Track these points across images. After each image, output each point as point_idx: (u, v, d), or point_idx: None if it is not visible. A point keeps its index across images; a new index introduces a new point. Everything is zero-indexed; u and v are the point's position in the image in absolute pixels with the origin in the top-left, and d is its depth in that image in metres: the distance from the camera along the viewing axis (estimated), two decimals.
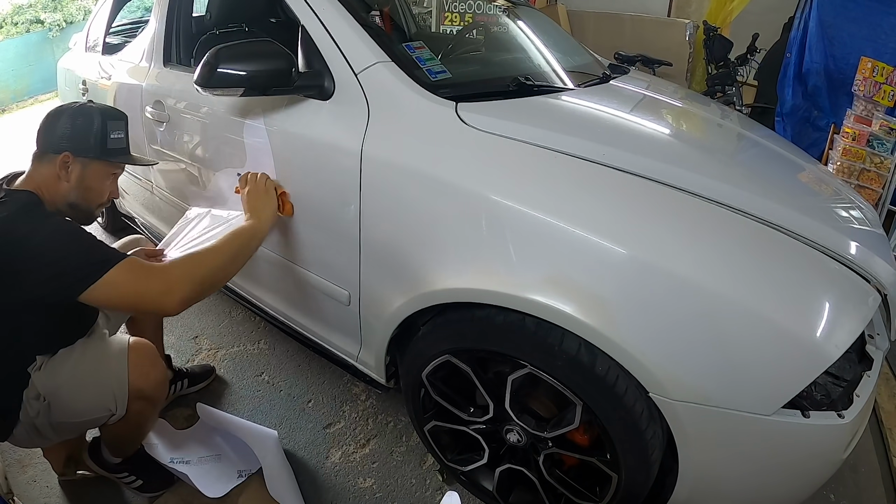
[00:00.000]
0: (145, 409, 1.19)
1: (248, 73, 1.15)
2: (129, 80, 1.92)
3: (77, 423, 1.16)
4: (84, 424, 1.19)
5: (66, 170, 1.12)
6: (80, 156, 1.14)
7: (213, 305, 2.16)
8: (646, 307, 0.88)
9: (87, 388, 1.12)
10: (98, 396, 1.11)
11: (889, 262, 1.02)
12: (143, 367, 1.15)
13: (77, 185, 1.14)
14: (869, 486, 1.44)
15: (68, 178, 1.13)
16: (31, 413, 1.10)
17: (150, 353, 1.19)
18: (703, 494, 1.01)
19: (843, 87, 2.91)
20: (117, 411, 1.13)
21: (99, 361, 1.14)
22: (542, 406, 1.12)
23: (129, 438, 1.31)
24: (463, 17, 2.76)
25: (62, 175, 1.12)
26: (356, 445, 1.52)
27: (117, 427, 1.19)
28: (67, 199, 1.15)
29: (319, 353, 1.53)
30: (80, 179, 1.14)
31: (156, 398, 1.20)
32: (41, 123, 1.15)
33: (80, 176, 1.14)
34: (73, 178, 1.13)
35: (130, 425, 1.21)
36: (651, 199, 0.97)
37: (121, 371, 1.12)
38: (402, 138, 1.13)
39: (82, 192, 1.16)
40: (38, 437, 1.15)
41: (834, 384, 0.96)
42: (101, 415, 1.14)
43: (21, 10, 8.78)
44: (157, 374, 1.18)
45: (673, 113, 1.52)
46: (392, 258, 1.16)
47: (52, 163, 1.12)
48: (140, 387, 1.14)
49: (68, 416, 1.12)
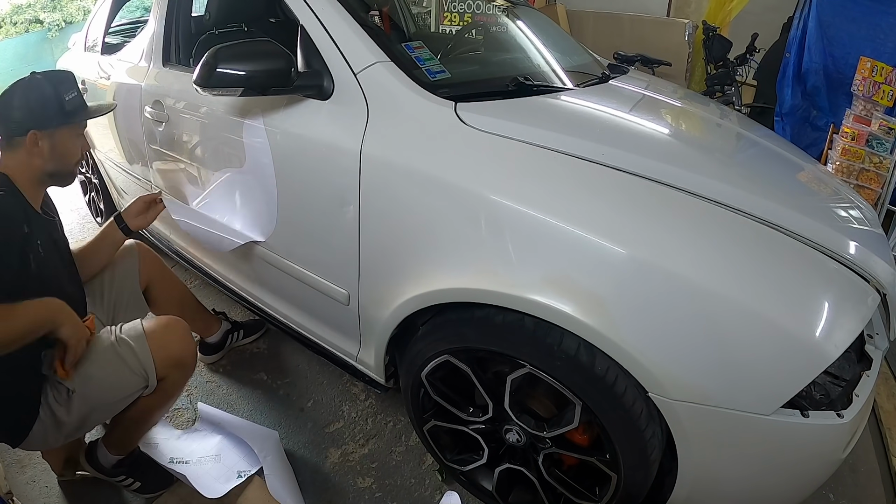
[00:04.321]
0: (180, 378, 1.27)
1: (248, 73, 1.15)
2: (128, 80, 1.92)
3: (112, 403, 1.20)
4: (118, 404, 1.22)
5: (37, 145, 1.15)
6: (46, 128, 1.16)
7: (213, 305, 2.15)
8: (645, 307, 0.88)
9: (114, 365, 1.16)
10: (129, 370, 1.17)
11: (888, 262, 1.02)
12: (165, 338, 1.22)
13: (51, 155, 1.18)
14: (868, 485, 1.44)
15: (41, 153, 1.16)
16: (58, 414, 1.13)
17: (168, 323, 1.27)
18: (703, 494, 1.01)
19: (843, 87, 2.91)
20: (150, 383, 1.20)
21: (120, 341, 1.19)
22: (541, 406, 1.12)
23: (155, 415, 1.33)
24: (462, 17, 2.75)
25: (34, 152, 1.16)
26: (355, 445, 1.52)
27: (149, 401, 1.25)
28: (45, 170, 1.19)
29: (319, 353, 1.53)
30: (52, 149, 1.18)
31: (185, 363, 1.27)
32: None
33: (51, 146, 1.18)
34: (46, 151, 1.17)
35: (163, 397, 1.27)
36: (650, 199, 0.97)
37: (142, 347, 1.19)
38: (402, 138, 1.13)
39: (58, 160, 1.20)
40: (57, 436, 1.17)
41: (833, 384, 0.96)
42: (135, 386, 1.20)
43: (20, 9, 8.77)
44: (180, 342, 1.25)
45: (672, 113, 1.52)
46: (391, 258, 1.16)
47: (20, 145, 1.15)
48: (166, 354, 1.21)
49: (102, 399, 1.17)
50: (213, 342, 1.83)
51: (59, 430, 1.15)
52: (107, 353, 1.17)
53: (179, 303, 1.69)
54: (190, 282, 2.34)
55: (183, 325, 1.30)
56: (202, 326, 1.80)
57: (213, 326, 1.82)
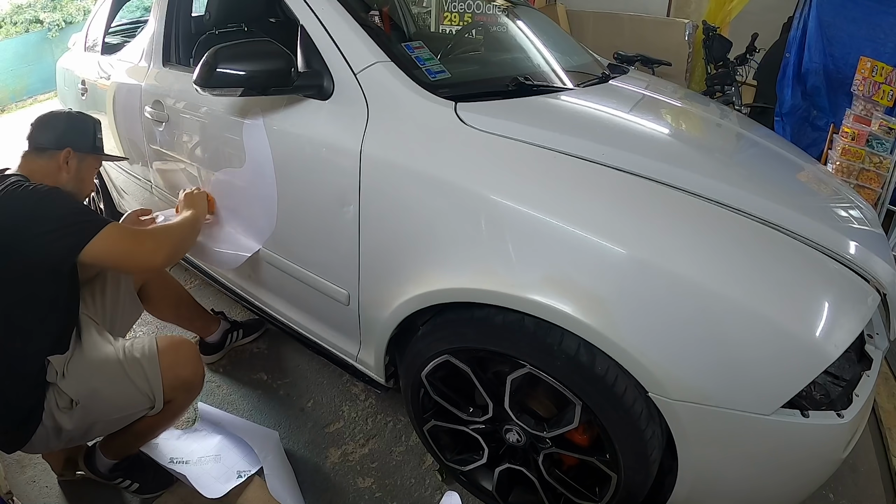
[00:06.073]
0: (186, 400, 1.31)
1: (248, 73, 1.15)
2: (128, 80, 1.92)
3: (116, 420, 1.22)
4: (121, 420, 1.23)
5: (67, 163, 1.28)
6: (80, 151, 1.30)
7: (212, 306, 2.15)
8: (645, 307, 0.88)
9: (123, 384, 1.18)
10: (136, 390, 1.19)
11: (888, 262, 1.02)
12: (175, 361, 1.24)
13: (75, 175, 1.30)
14: (868, 485, 1.44)
15: (69, 170, 1.28)
16: (60, 421, 1.13)
17: (180, 345, 1.29)
18: (703, 494, 1.01)
19: (843, 87, 2.91)
20: (156, 405, 1.22)
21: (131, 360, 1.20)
22: (541, 406, 1.12)
23: (156, 431, 1.35)
24: (462, 17, 2.75)
25: (63, 167, 1.27)
26: (355, 445, 1.52)
27: (153, 420, 1.26)
28: (66, 188, 1.24)
29: (319, 353, 1.53)
30: (78, 171, 1.31)
31: (193, 386, 1.30)
32: (39, 125, 1.29)
33: (78, 168, 1.30)
34: (73, 170, 1.29)
35: (168, 417, 1.29)
36: (650, 199, 0.97)
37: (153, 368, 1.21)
38: (402, 138, 1.13)
39: (77, 183, 1.31)
40: (58, 442, 1.18)
41: (833, 384, 0.96)
42: (141, 406, 1.21)
43: (20, 9, 8.78)
44: (190, 365, 1.27)
45: (672, 113, 1.52)
46: (391, 258, 1.16)
47: (53, 157, 1.26)
48: (175, 377, 1.23)
49: (106, 414, 1.19)
50: (212, 342, 1.83)
51: (60, 436, 1.15)
52: (116, 370, 1.18)
53: (176, 302, 1.69)
54: (190, 281, 2.34)
55: (193, 347, 1.32)
56: (200, 326, 1.80)
57: (212, 326, 1.82)
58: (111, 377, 1.17)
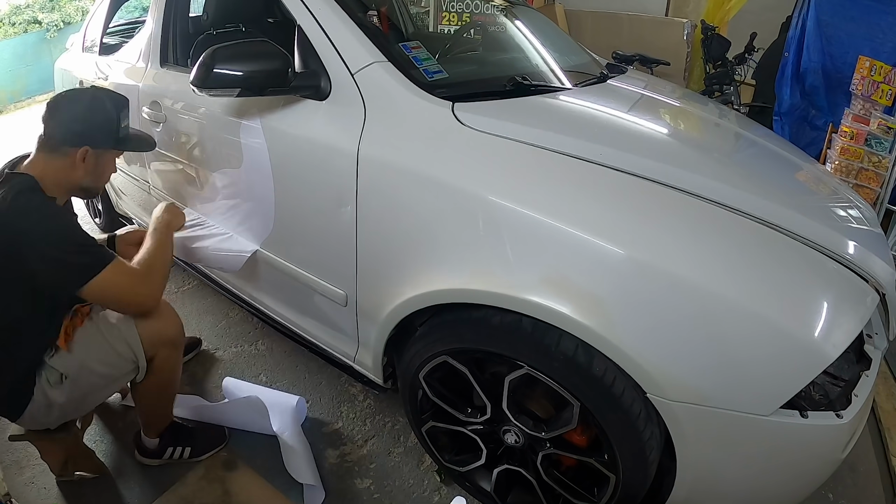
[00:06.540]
0: (170, 355, 1.30)
1: (245, 74, 1.15)
2: (125, 81, 1.91)
3: (105, 386, 1.24)
4: (110, 386, 1.26)
5: (84, 161, 1.19)
6: (98, 147, 1.21)
7: (210, 307, 2.16)
8: (643, 308, 0.88)
9: (104, 349, 1.20)
10: (117, 354, 1.20)
11: (887, 262, 1.02)
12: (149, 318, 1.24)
13: (92, 172, 1.23)
14: (868, 485, 1.44)
15: (85, 168, 1.20)
16: (52, 396, 1.16)
17: None
18: (701, 495, 1.01)
19: (841, 87, 2.91)
20: (139, 364, 1.23)
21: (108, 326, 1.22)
22: (539, 407, 1.12)
23: (165, 394, 1.37)
24: (460, 17, 2.75)
25: (79, 165, 1.19)
26: (354, 446, 1.52)
27: (149, 384, 1.28)
28: (81, 184, 1.23)
29: (317, 353, 1.52)
30: (95, 167, 1.23)
31: (172, 337, 1.29)
32: (54, 113, 1.18)
33: (95, 164, 1.23)
34: (90, 167, 1.22)
35: (162, 376, 1.30)
36: (648, 200, 0.96)
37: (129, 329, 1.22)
38: (399, 138, 1.12)
39: (96, 177, 1.26)
40: (50, 417, 1.21)
41: (832, 384, 0.96)
42: (125, 369, 1.23)
43: (19, 10, 8.77)
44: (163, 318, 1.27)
45: (671, 112, 1.52)
46: (389, 258, 1.16)
47: (66, 155, 1.17)
48: (153, 332, 1.23)
49: (94, 381, 1.21)
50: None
51: (51, 411, 1.19)
52: (96, 338, 1.21)
53: None
54: (187, 283, 2.34)
55: (165, 302, 1.31)
56: None
57: None
58: (93, 346, 1.20)
